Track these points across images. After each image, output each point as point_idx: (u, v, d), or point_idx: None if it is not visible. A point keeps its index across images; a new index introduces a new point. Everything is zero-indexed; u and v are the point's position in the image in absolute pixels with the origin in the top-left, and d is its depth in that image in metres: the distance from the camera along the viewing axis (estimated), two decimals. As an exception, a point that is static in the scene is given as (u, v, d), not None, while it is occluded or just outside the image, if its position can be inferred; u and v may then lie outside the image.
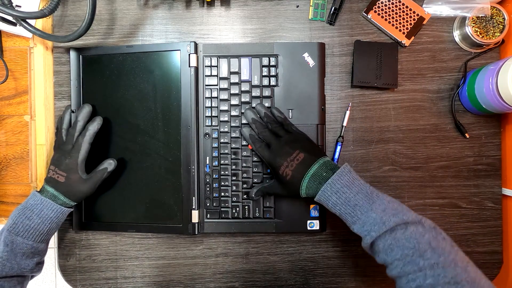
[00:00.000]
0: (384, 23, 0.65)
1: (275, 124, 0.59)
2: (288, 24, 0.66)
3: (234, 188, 0.63)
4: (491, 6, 0.61)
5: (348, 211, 0.49)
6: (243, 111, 0.62)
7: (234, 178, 0.63)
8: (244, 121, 0.62)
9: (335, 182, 0.49)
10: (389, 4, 0.65)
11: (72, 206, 0.58)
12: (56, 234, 0.65)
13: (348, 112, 0.65)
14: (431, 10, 0.65)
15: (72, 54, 0.64)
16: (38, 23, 0.63)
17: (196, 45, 0.63)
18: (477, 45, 0.63)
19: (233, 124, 0.63)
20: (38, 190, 0.58)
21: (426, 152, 0.66)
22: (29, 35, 0.62)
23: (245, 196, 0.63)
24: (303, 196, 0.54)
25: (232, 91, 0.63)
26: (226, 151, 0.63)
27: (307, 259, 0.66)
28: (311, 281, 0.66)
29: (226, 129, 0.63)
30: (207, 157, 0.63)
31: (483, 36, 0.62)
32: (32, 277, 0.58)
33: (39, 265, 0.57)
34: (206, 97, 0.63)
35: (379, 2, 0.65)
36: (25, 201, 0.56)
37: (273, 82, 0.63)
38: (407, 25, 0.65)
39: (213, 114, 0.63)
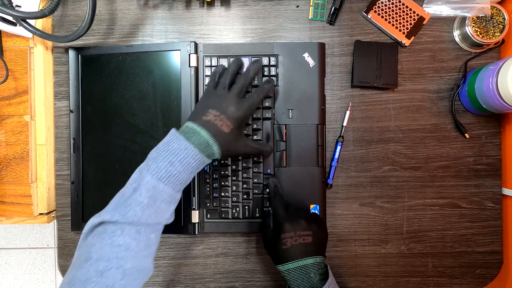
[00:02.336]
0: (384, 23, 0.65)
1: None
2: (288, 24, 0.66)
3: (234, 188, 0.63)
4: (491, 6, 0.61)
5: None
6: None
7: (234, 178, 0.63)
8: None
9: None
10: (389, 4, 0.65)
11: (214, 159, 0.52)
12: (56, 234, 0.65)
13: (348, 112, 0.65)
14: (431, 10, 0.65)
15: (71, 53, 0.64)
16: (38, 23, 0.63)
17: (196, 45, 0.63)
18: (477, 45, 0.63)
19: (233, 124, 0.63)
20: (178, 129, 0.51)
21: (426, 152, 0.66)
22: (29, 35, 0.62)
23: (245, 196, 0.63)
24: (277, 266, 0.54)
25: (232, 91, 0.63)
26: (226, 151, 0.63)
27: (307, 259, 0.66)
28: (311, 281, 0.66)
29: (226, 129, 0.63)
30: (207, 157, 0.63)
31: (483, 36, 0.62)
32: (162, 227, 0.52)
33: (173, 214, 0.51)
34: (206, 97, 0.63)
35: (379, 2, 0.65)
36: (166, 142, 0.49)
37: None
38: (407, 25, 0.65)
39: (213, 114, 0.63)
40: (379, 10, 0.65)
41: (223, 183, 0.63)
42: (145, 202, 0.46)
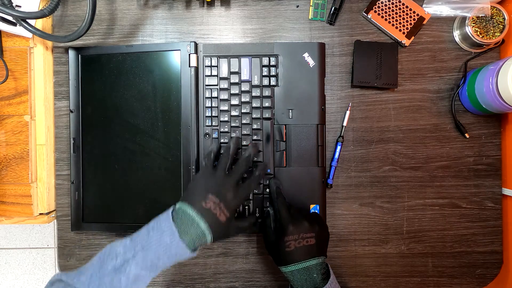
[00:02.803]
0: (384, 23, 0.65)
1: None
2: (288, 24, 0.66)
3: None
4: (491, 6, 0.61)
5: None
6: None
7: (234, 178, 0.63)
8: (244, 121, 0.62)
9: None
10: (389, 4, 0.65)
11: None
12: (56, 234, 0.65)
13: (348, 112, 0.65)
14: (431, 10, 0.65)
15: (71, 53, 0.64)
16: (38, 23, 0.63)
17: (196, 45, 0.63)
18: (477, 45, 0.63)
19: (233, 124, 0.63)
20: (174, 214, 0.50)
21: (426, 152, 0.66)
22: (29, 35, 0.62)
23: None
24: (280, 268, 0.54)
25: (232, 91, 0.63)
26: (226, 151, 0.63)
27: (307, 259, 0.66)
28: (311, 281, 0.66)
29: (226, 129, 0.63)
30: (207, 157, 0.63)
31: (483, 36, 0.62)
32: None
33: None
34: (206, 97, 0.63)
35: (379, 2, 0.65)
36: (159, 230, 0.48)
37: (273, 82, 0.63)
38: (407, 25, 0.65)
39: (213, 114, 0.63)
40: (379, 10, 0.65)
41: (223, 183, 0.63)
42: (123, 285, 0.46)
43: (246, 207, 0.62)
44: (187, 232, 0.48)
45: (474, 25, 0.62)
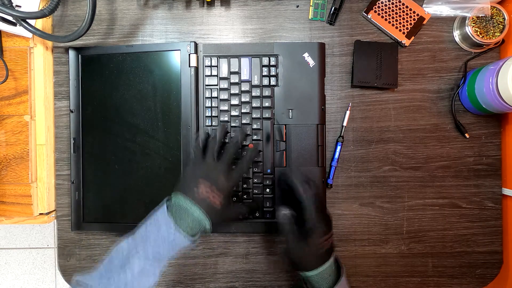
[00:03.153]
0: (384, 23, 0.65)
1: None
2: (288, 24, 0.66)
3: (234, 188, 0.62)
4: (491, 6, 0.61)
5: None
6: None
7: (234, 178, 0.63)
8: (244, 121, 0.62)
9: None
10: (389, 4, 0.65)
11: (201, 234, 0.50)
12: (56, 234, 0.65)
13: (348, 112, 0.65)
14: (431, 10, 0.65)
15: (71, 53, 0.64)
16: (38, 23, 0.63)
17: (196, 45, 0.63)
18: (477, 45, 0.63)
19: (233, 124, 0.63)
20: (169, 205, 0.50)
21: (426, 152, 0.66)
22: (29, 35, 0.62)
23: (245, 196, 0.63)
24: (308, 273, 0.51)
25: (232, 91, 0.63)
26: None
27: (307, 259, 0.66)
28: (311, 281, 0.66)
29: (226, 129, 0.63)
30: (207, 157, 0.63)
31: (483, 36, 0.62)
32: None
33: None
34: (206, 97, 0.63)
35: (379, 2, 0.65)
36: (156, 223, 0.49)
37: (273, 82, 0.63)
38: (407, 25, 0.65)
39: (213, 114, 0.63)
40: (379, 10, 0.65)
41: (223, 183, 0.63)
42: (129, 278, 0.47)
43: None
44: (183, 221, 0.48)
45: (474, 25, 0.62)
